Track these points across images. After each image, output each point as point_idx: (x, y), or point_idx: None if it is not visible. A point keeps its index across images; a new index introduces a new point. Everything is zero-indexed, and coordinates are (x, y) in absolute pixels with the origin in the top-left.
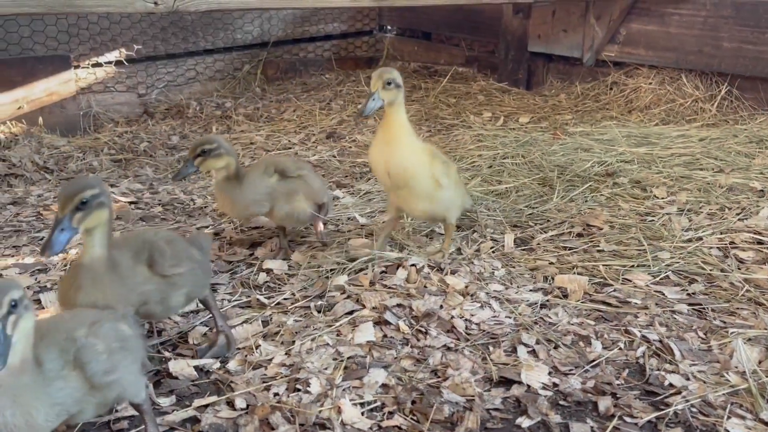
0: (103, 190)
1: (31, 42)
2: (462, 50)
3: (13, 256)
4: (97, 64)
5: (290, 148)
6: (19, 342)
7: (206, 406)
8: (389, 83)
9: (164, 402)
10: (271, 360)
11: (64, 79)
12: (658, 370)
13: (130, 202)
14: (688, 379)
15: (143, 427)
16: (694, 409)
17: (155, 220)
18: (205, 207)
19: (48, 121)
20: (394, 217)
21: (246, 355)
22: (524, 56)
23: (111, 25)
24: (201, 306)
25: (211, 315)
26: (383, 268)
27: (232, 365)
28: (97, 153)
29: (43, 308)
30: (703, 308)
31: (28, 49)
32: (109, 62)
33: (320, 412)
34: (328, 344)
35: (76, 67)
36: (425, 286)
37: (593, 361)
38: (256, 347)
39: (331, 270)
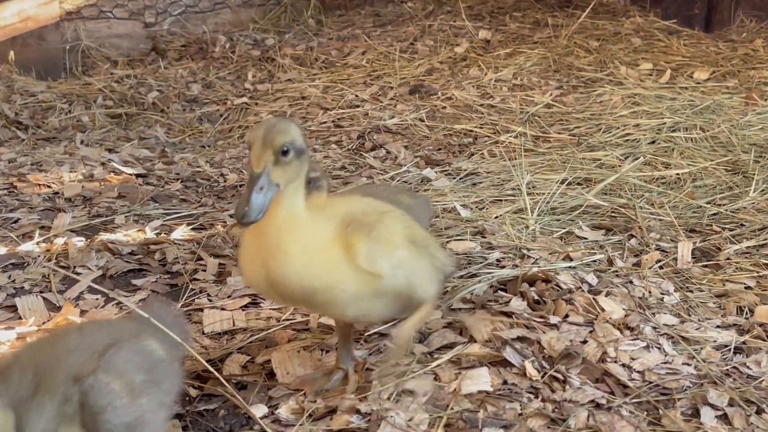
0: None
1: None
2: None
3: None
4: None
5: (358, 106)
6: None
7: None
8: (285, 151)
9: None
10: (337, 406)
11: None
12: None
13: (137, 175)
14: None
15: None
16: None
17: (172, 201)
18: (240, 185)
19: (21, 57)
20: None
21: (303, 400)
22: None
23: None
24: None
25: None
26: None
27: (283, 412)
28: (89, 104)
29: (20, 318)
30: None
31: None
32: None
33: None
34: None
35: None
36: (566, 315)
37: None
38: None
39: None
